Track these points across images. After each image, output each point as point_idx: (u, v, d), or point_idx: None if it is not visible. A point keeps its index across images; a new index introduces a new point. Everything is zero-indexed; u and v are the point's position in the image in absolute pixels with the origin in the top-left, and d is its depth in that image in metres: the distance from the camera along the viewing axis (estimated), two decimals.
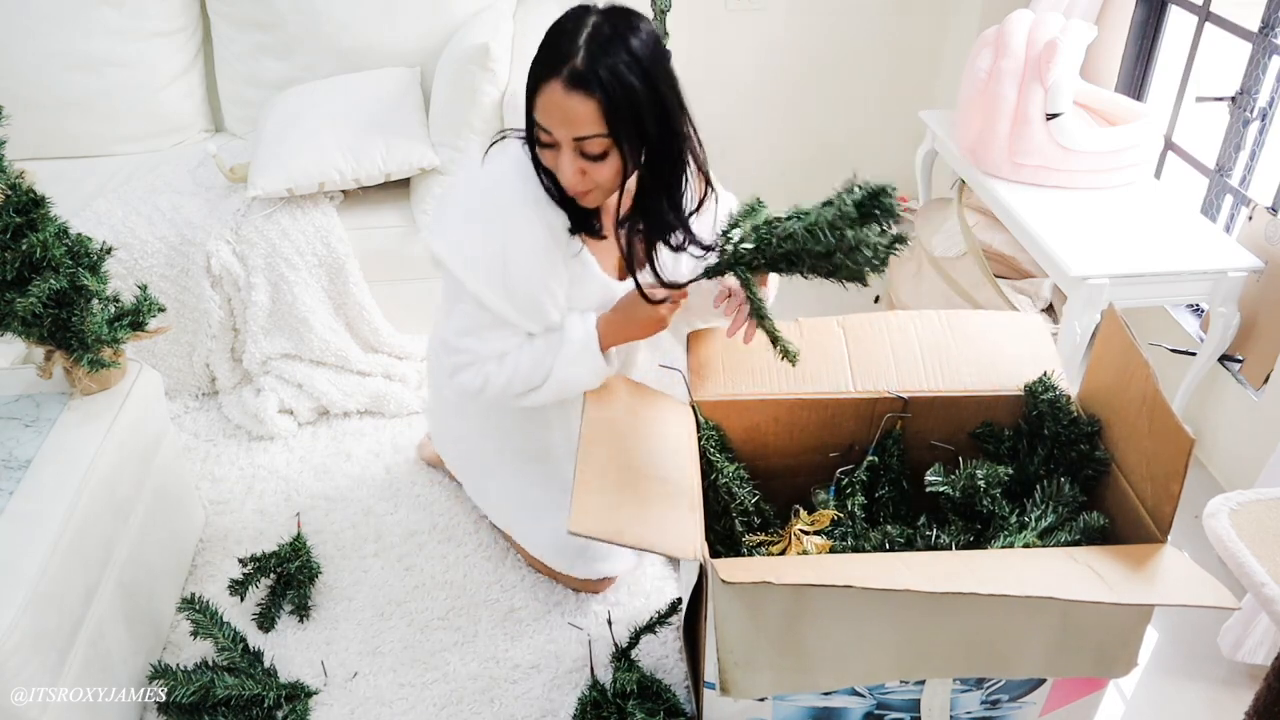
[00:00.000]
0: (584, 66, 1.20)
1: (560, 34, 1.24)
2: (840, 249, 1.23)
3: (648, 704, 1.51)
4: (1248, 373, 1.96)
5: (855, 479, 1.51)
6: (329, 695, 1.58)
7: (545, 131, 1.27)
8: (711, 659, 1.28)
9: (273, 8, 2.36)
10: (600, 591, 1.75)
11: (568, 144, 1.25)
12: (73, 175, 2.29)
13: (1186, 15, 2.15)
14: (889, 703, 1.36)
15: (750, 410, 1.52)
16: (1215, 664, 1.65)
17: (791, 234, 1.27)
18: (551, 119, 1.24)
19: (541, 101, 1.24)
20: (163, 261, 2.09)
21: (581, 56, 1.21)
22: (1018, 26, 2.11)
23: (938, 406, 1.52)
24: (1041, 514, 1.36)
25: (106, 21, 2.35)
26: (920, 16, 2.88)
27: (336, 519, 1.92)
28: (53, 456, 1.46)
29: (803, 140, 3.08)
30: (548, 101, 1.23)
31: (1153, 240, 1.94)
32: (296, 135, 2.12)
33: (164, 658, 1.63)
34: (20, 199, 1.41)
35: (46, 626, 1.28)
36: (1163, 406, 1.25)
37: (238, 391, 2.21)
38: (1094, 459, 1.41)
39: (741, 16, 2.84)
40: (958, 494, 1.41)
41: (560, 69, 1.21)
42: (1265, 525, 1.30)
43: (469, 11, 2.38)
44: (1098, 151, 2.08)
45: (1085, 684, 1.37)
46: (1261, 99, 1.99)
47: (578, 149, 1.26)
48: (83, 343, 1.50)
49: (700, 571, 1.33)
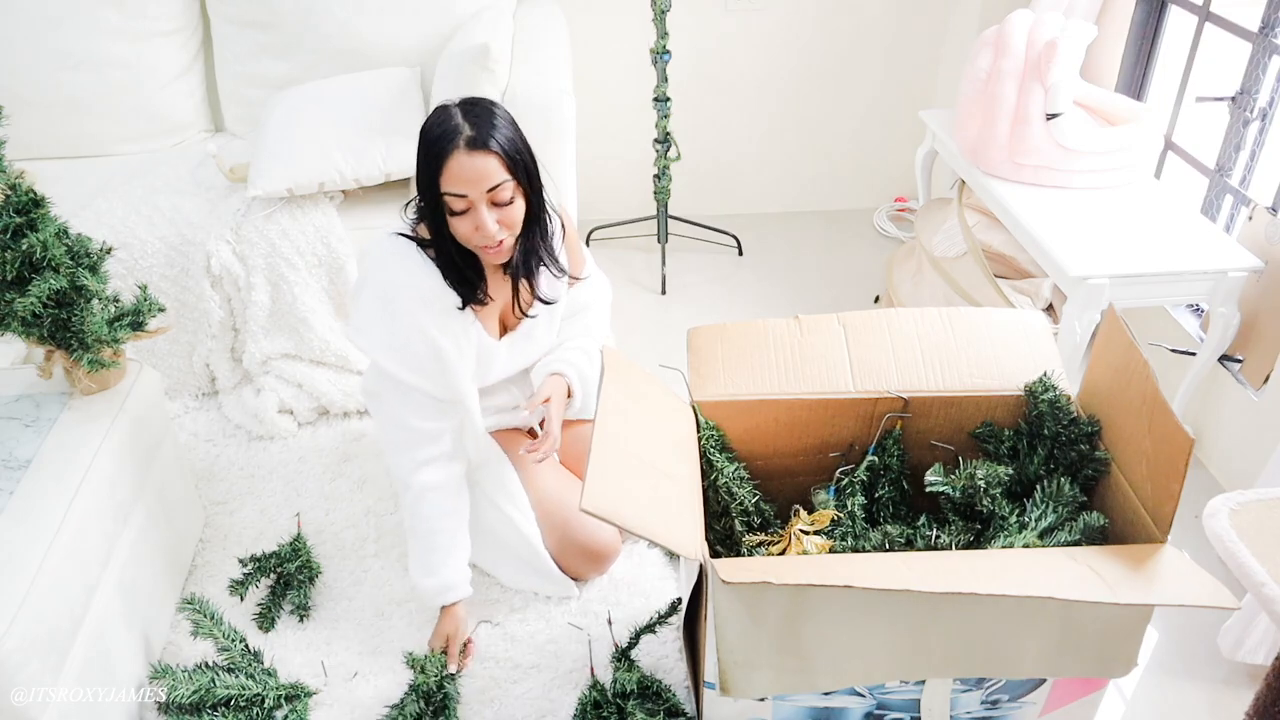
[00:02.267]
0: (475, 133, 1.41)
1: (437, 124, 1.43)
2: None
3: (648, 704, 1.51)
4: (1248, 373, 1.96)
5: (855, 479, 1.51)
6: (329, 695, 1.58)
7: (458, 198, 1.43)
8: (711, 659, 1.28)
9: (273, 8, 2.36)
10: (602, 569, 1.77)
11: (481, 199, 1.43)
12: (73, 175, 2.29)
13: (1186, 15, 2.15)
14: (889, 703, 1.36)
15: (750, 410, 1.52)
16: (1215, 664, 1.65)
17: None
18: (461, 183, 1.42)
19: (449, 174, 1.42)
20: (163, 261, 2.09)
21: (468, 128, 1.41)
22: (1018, 26, 2.11)
23: (938, 406, 1.52)
24: (1041, 514, 1.36)
25: (106, 21, 2.35)
26: (920, 16, 2.88)
27: (336, 519, 1.92)
28: (53, 456, 1.46)
29: (803, 140, 3.08)
30: (455, 170, 1.41)
31: (1153, 240, 1.94)
32: (297, 135, 2.12)
33: (164, 658, 1.63)
34: (20, 199, 1.41)
35: (46, 626, 1.28)
36: (1162, 406, 1.25)
37: (238, 391, 2.21)
38: (1094, 459, 1.41)
39: (741, 16, 2.84)
40: (958, 494, 1.41)
41: (456, 141, 1.41)
42: (1265, 525, 1.30)
43: (469, 11, 2.39)
44: (1098, 151, 2.08)
45: (1085, 684, 1.37)
46: (1261, 99, 1.99)
47: (490, 200, 1.44)
48: (83, 343, 1.50)
49: (700, 571, 1.33)
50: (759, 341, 1.56)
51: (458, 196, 1.43)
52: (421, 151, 1.44)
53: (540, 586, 1.75)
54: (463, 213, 1.45)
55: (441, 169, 1.42)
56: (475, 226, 1.45)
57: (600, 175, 2.94)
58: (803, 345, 1.55)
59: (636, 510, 1.19)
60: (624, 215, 2.99)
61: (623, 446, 1.29)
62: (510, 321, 1.67)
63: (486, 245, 1.48)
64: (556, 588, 1.74)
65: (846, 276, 2.83)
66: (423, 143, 1.44)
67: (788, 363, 1.53)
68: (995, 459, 1.49)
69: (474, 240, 1.47)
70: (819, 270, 2.87)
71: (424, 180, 1.45)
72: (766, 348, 1.55)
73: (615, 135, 2.95)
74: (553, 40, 2.41)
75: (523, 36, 2.37)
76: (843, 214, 3.19)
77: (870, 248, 3.00)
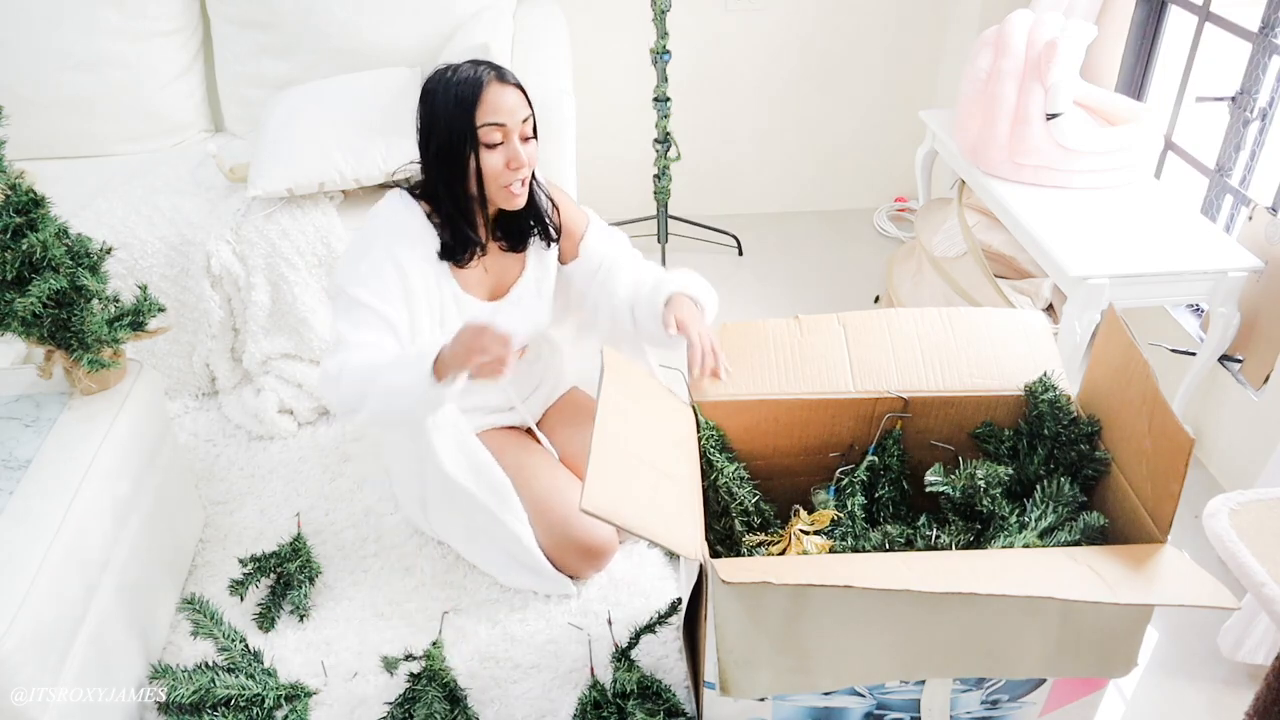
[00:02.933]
0: (499, 70, 1.52)
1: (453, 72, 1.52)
2: None
3: (648, 704, 1.51)
4: (1248, 373, 1.96)
5: (855, 479, 1.51)
6: (329, 695, 1.58)
7: (497, 127, 1.50)
8: (711, 659, 1.28)
9: (273, 8, 2.36)
10: (600, 567, 1.76)
11: (516, 129, 1.51)
12: (73, 175, 2.29)
13: (1186, 15, 2.15)
14: (889, 703, 1.36)
15: (750, 410, 1.52)
16: (1215, 664, 1.65)
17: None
18: (502, 111, 1.50)
19: (488, 105, 1.49)
20: (163, 261, 2.09)
21: (490, 68, 1.51)
22: (1018, 26, 2.11)
23: (937, 406, 1.52)
24: (1042, 514, 1.36)
25: (106, 21, 2.35)
26: (920, 16, 2.88)
27: (336, 519, 1.92)
28: (53, 456, 1.46)
29: (803, 140, 3.08)
30: (494, 99, 1.49)
31: (1153, 240, 1.94)
32: (297, 135, 2.12)
33: (164, 658, 1.63)
34: (20, 199, 1.41)
35: (46, 626, 1.28)
36: (1162, 406, 1.25)
37: (238, 391, 2.21)
38: (1094, 459, 1.41)
39: (741, 16, 2.84)
40: (958, 494, 1.41)
41: (487, 77, 1.50)
42: (1265, 525, 1.30)
43: (469, 11, 2.38)
44: (1098, 151, 2.08)
45: (1085, 684, 1.37)
46: (1261, 99, 1.99)
47: (520, 134, 1.52)
48: (83, 343, 1.50)
49: (700, 571, 1.33)
50: (759, 341, 1.56)
51: (496, 126, 1.49)
52: (445, 97, 1.50)
53: (538, 585, 1.74)
54: (497, 145, 1.51)
55: (478, 102, 1.48)
56: (508, 159, 1.52)
57: (600, 175, 2.94)
58: (802, 345, 1.55)
59: (636, 510, 1.19)
60: (624, 215, 2.99)
61: (623, 446, 1.29)
62: (500, 290, 1.70)
63: (512, 182, 1.53)
64: (553, 586, 1.74)
65: (846, 276, 2.83)
66: (445, 89, 1.50)
67: (788, 363, 1.54)
68: (995, 459, 1.49)
69: (504, 176, 1.53)
70: (819, 270, 2.87)
71: (452, 125, 1.50)
72: (766, 348, 1.56)
73: (615, 135, 2.95)
74: (553, 40, 2.41)
75: (523, 36, 2.37)
76: (843, 214, 3.19)
77: (870, 248, 3.00)
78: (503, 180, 1.54)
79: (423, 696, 1.53)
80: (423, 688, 1.54)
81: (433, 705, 1.51)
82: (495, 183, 1.54)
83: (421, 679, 1.57)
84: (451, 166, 1.53)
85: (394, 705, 1.54)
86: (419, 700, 1.52)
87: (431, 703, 1.51)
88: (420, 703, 1.52)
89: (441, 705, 1.52)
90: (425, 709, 1.50)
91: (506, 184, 1.54)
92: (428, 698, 1.52)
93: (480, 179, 1.54)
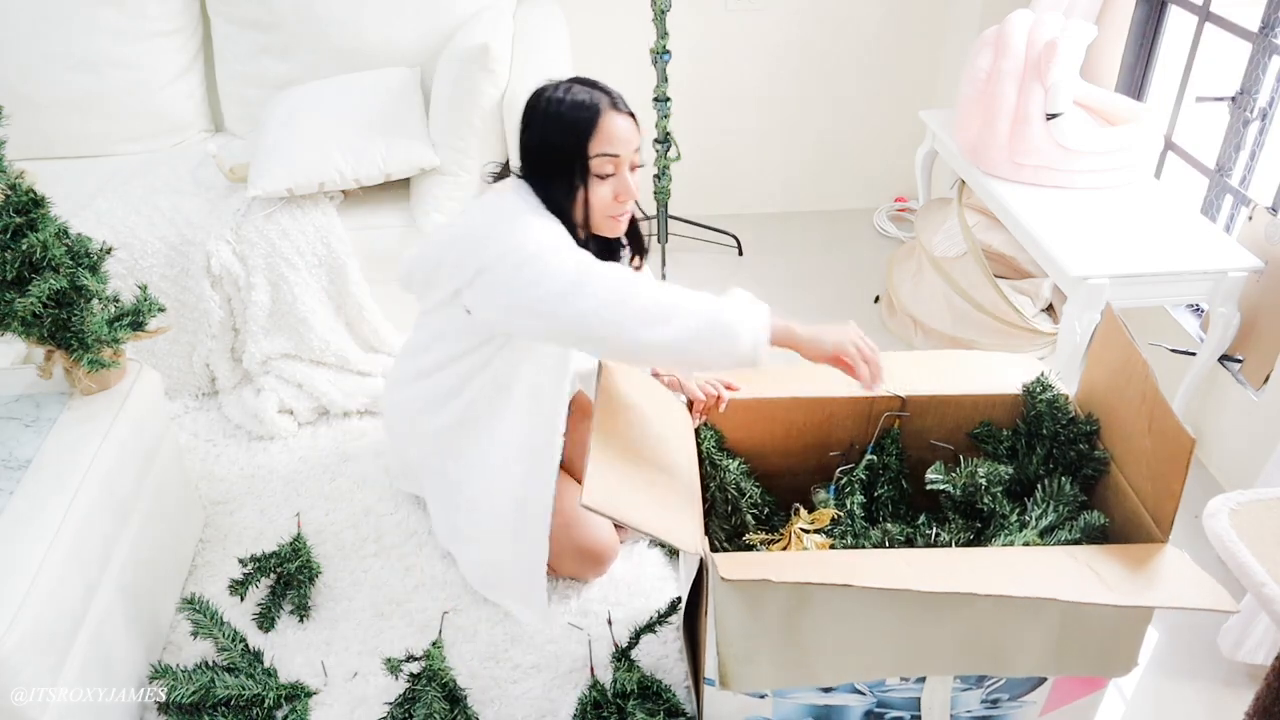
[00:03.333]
0: (614, 97, 1.46)
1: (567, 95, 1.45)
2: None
3: (648, 704, 1.51)
4: (1248, 373, 1.96)
5: (854, 478, 1.51)
6: (329, 695, 1.58)
7: (611, 158, 1.45)
8: (711, 654, 1.28)
9: (273, 8, 2.36)
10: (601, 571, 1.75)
11: (627, 160, 1.46)
12: (73, 175, 2.29)
13: (1186, 15, 2.15)
14: (889, 701, 1.36)
15: (750, 410, 1.52)
16: (1215, 664, 1.65)
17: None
18: (618, 142, 1.44)
19: (604, 134, 1.43)
20: (163, 261, 2.09)
21: (604, 94, 1.46)
22: (1018, 26, 2.11)
23: (936, 406, 1.52)
24: (1042, 513, 1.36)
25: (106, 21, 2.35)
26: (920, 16, 2.88)
27: (336, 519, 1.92)
28: (53, 456, 1.46)
29: (803, 140, 3.08)
30: (610, 129, 1.43)
31: (1153, 240, 1.94)
32: (297, 135, 2.12)
33: (164, 658, 1.63)
34: (20, 199, 1.41)
35: (46, 626, 1.28)
36: (1162, 406, 1.25)
37: (238, 391, 2.21)
38: (1093, 458, 1.41)
39: (741, 16, 2.84)
40: (958, 492, 1.41)
41: (602, 104, 1.44)
42: (1265, 525, 1.30)
43: (469, 11, 2.39)
44: (1098, 151, 2.08)
45: (1085, 683, 1.37)
46: (1261, 99, 1.99)
47: (630, 163, 1.47)
48: (83, 343, 1.50)
49: (700, 566, 1.33)
50: None
51: (610, 157, 1.45)
52: (558, 120, 1.43)
53: (508, 598, 1.67)
54: (608, 177, 1.46)
55: (593, 131, 1.43)
56: (616, 192, 1.47)
57: None
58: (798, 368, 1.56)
59: (636, 506, 1.19)
60: None
61: (622, 444, 1.29)
62: None
63: (619, 214, 1.50)
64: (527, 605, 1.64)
65: (846, 276, 2.83)
66: (556, 111, 1.43)
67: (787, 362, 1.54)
68: (994, 459, 1.49)
69: (611, 208, 1.49)
70: (819, 270, 2.87)
71: (562, 152, 1.44)
72: None
73: None
74: (553, 40, 2.41)
75: (523, 36, 2.37)
76: (843, 214, 3.19)
77: (870, 248, 3.00)
78: (609, 211, 1.49)
79: (423, 696, 1.53)
80: (423, 688, 1.54)
81: (433, 705, 1.51)
82: (601, 213, 1.49)
83: (421, 679, 1.57)
84: (558, 190, 1.47)
85: (394, 705, 1.54)
86: (419, 700, 1.52)
87: (431, 703, 1.51)
88: (420, 703, 1.52)
89: (441, 705, 1.52)
90: (425, 709, 1.50)
91: (613, 215, 1.50)
92: (428, 698, 1.52)
93: (585, 206, 1.48)
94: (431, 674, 1.57)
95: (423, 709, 1.51)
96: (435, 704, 1.51)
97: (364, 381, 2.20)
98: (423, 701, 1.52)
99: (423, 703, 1.52)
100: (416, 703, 1.52)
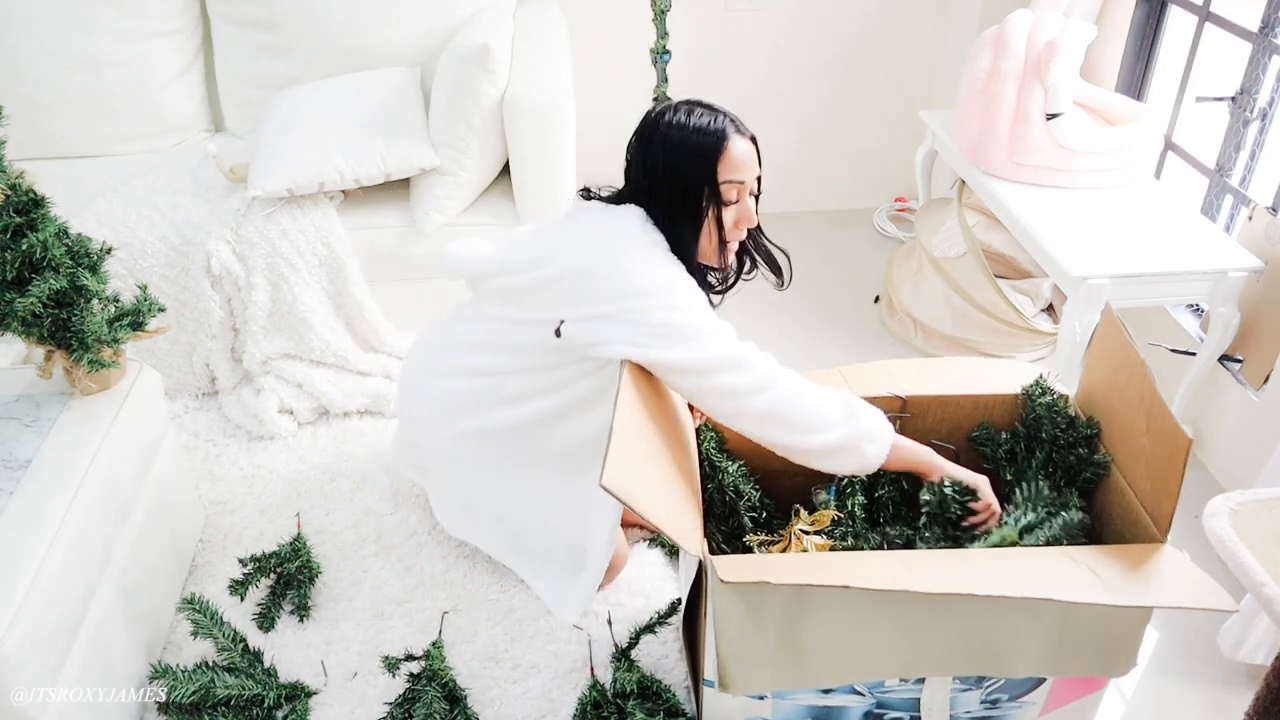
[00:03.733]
0: (735, 121, 1.44)
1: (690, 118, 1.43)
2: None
3: (648, 704, 1.51)
4: (1248, 373, 1.96)
5: (856, 479, 1.51)
6: (329, 695, 1.58)
7: (737, 184, 1.44)
8: (711, 656, 1.28)
9: (273, 8, 2.36)
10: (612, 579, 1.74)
11: (750, 186, 1.47)
12: (73, 175, 2.29)
13: (1186, 15, 2.15)
14: (888, 702, 1.36)
15: None
16: (1215, 664, 1.65)
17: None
18: (743, 168, 1.44)
19: (731, 160, 1.42)
20: (163, 261, 2.09)
21: (728, 118, 1.44)
22: (1018, 26, 2.11)
23: (937, 406, 1.52)
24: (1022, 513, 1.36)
25: (106, 21, 2.35)
26: (920, 16, 2.88)
27: (336, 519, 1.92)
28: (53, 456, 1.46)
29: (803, 140, 3.08)
30: (737, 155, 1.43)
31: (1153, 240, 1.94)
32: (296, 135, 2.12)
33: (164, 658, 1.63)
34: (20, 199, 1.41)
35: (46, 626, 1.28)
36: (1160, 407, 1.26)
37: (238, 391, 2.21)
38: (1092, 462, 1.41)
39: (741, 16, 2.84)
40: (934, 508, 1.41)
41: (728, 130, 1.42)
42: (1265, 525, 1.30)
43: (469, 11, 2.39)
44: (1098, 151, 2.08)
45: (1085, 684, 1.37)
46: (1261, 99, 1.99)
47: (751, 190, 1.47)
48: (83, 343, 1.50)
49: (699, 568, 1.33)
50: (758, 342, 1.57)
51: (737, 184, 1.44)
52: (682, 145, 1.41)
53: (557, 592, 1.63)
54: (732, 203, 1.46)
55: (720, 157, 1.42)
56: (738, 218, 1.47)
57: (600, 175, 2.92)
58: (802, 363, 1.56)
59: (650, 496, 1.18)
60: None
61: (640, 431, 1.28)
62: None
63: (736, 241, 1.50)
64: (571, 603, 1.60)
65: (846, 276, 2.83)
66: (680, 135, 1.42)
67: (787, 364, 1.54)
68: (993, 462, 1.49)
69: (734, 234, 1.48)
70: (819, 270, 2.87)
71: (690, 174, 1.42)
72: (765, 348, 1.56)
73: (615, 135, 2.95)
74: (553, 40, 2.41)
75: (523, 36, 2.37)
76: (843, 214, 3.19)
77: (870, 248, 3.00)
78: (729, 237, 1.48)
79: (423, 696, 1.53)
80: (423, 688, 1.55)
81: (433, 705, 1.51)
82: (719, 241, 1.47)
83: (421, 679, 1.57)
84: (682, 218, 1.44)
85: (394, 705, 1.54)
86: (419, 700, 1.53)
87: (431, 703, 1.51)
88: (420, 703, 1.52)
89: (441, 705, 1.52)
90: (425, 709, 1.50)
91: (730, 240, 1.49)
92: (428, 698, 1.52)
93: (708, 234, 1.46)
94: (431, 674, 1.57)
95: (423, 709, 1.51)
96: (435, 704, 1.52)
97: (364, 381, 2.20)
98: (423, 701, 1.52)
99: (423, 703, 1.52)
100: (416, 703, 1.53)
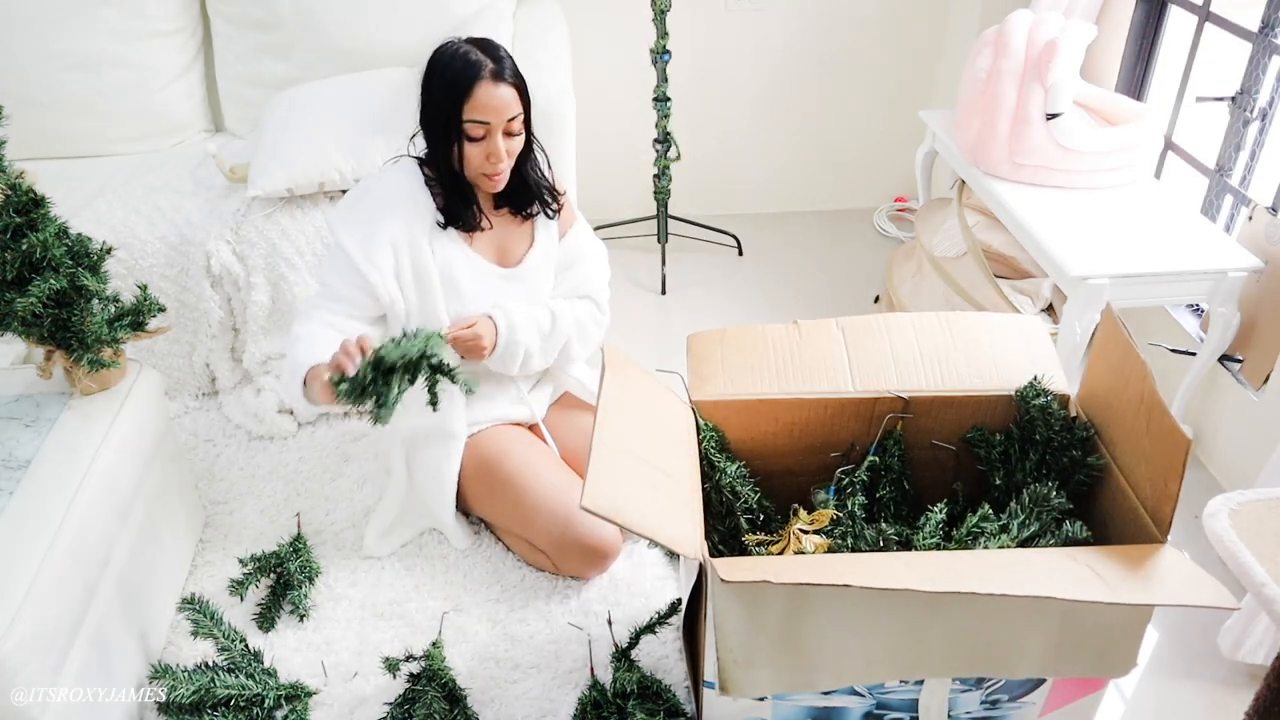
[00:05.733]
0: (498, 66, 1.55)
1: (455, 58, 1.56)
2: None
3: (648, 704, 1.51)
4: (1248, 373, 1.96)
5: (856, 479, 1.51)
6: (329, 695, 1.58)
7: (480, 124, 1.56)
8: (711, 658, 1.28)
9: (273, 8, 2.36)
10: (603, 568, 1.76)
11: (499, 127, 1.57)
12: (73, 175, 2.29)
13: (1186, 15, 2.15)
14: (888, 702, 1.36)
15: (750, 410, 1.52)
16: (1215, 664, 1.65)
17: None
18: (488, 111, 1.55)
19: (476, 103, 1.54)
20: (163, 261, 2.09)
21: (490, 61, 1.55)
22: (1018, 26, 2.11)
23: (938, 406, 1.52)
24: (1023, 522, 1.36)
25: (106, 21, 2.35)
26: (920, 16, 2.88)
27: (336, 519, 1.92)
28: (53, 456, 1.46)
29: (803, 140, 3.08)
30: (483, 99, 1.54)
31: (1152, 240, 1.94)
32: (297, 135, 2.12)
33: (164, 658, 1.63)
34: (20, 199, 1.41)
35: (46, 626, 1.28)
36: (1160, 407, 1.26)
37: (238, 391, 2.21)
38: (1086, 465, 1.41)
39: (741, 16, 2.84)
40: None
41: (482, 72, 1.54)
42: (1265, 525, 1.30)
43: (469, 11, 2.39)
44: (1098, 151, 2.08)
45: (1085, 684, 1.37)
46: (1261, 99, 1.99)
47: (505, 130, 1.58)
48: (83, 343, 1.50)
49: (700, 570, 1.33)
50: (758, 345, 1.57)
51: (480, 124, 1.56)
52: (440, 83, 1.56)
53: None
54: (479, 140, 1.58)
55: (466, 98, 1.54)
56: (488, 154, 1.59)
57: (600, 175, 2.94)
58: (802, 347, 1.56)
59: (638, 508, 1.19)
60: (624, 215, 2.99)
61: (624, 444, 1.29)
62: (509, 260, 1.76)
63: (492, 173, 1.61)
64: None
65: (846, 276, 2.83)
66: (440, 75, 1.56)
67: (787, 364, 1.54)
68: (986, 464, 1.49)
69: (483, 167, 1.60)
70: (819, 270, 2.87)
71: (441, 110, 1.57)
72: (766, 350, 1.56)
73: (615, 135, 2.95)
74: (553, 40, 2.41)
75: (523, 36, 2.37)
76: (843, 214, 3.20)
77: (870, 248, 3.00)
78: (481, 169, 1.61)
79: (423, 696, 1.53)
80: (423, 688, 1.55)
81: (433, 705, 1.51)
82: (473, 170, 1.62)
83: (421, 679, 1.57)
84: (437, 144, 1.61)
85: (394, 705, 1.54)
86: (419, 700, 1.53)
87: (431, 703, 1.51)
88: (420, 703, 1.52)
89: (441, 705, 1.52)
90: (425, 709, 1.50)
91: (485, 173, 1.62)
92: (428, 698, 1.52)
93: (460, 163, 1.61)
94: (431, 674, 1.57)
95: (422, 709, 1.51)
96: (435, 704, 1.52)
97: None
98: (422, 701, 1.52)
99: (422, 703, 1.52)
100: (416, 703, 1.52)
